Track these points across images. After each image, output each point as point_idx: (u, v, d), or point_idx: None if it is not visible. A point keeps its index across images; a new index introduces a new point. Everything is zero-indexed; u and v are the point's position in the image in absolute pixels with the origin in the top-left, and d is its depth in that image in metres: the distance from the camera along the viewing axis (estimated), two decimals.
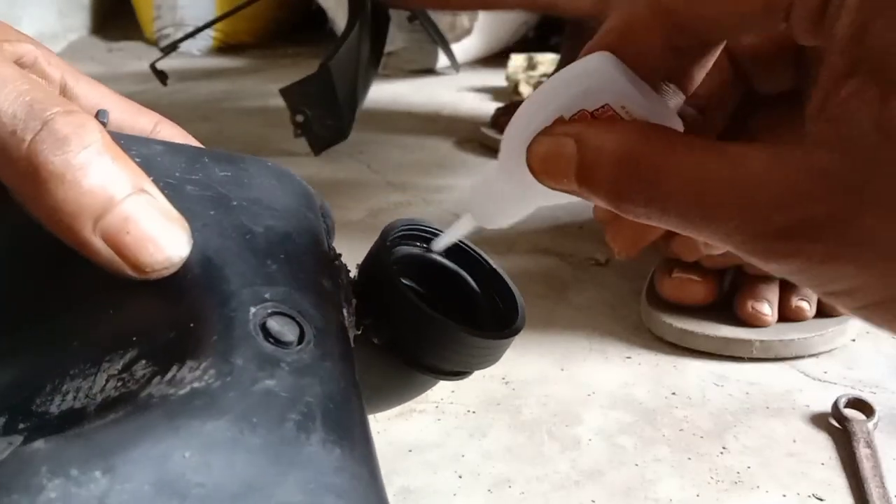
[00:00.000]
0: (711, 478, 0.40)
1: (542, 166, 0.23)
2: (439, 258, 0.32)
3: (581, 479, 0.40)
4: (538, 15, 1.51)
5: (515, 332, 0.29)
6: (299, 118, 0.87)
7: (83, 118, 0.22)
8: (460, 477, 0.40)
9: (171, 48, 1.08)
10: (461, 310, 0.31)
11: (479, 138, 0.99)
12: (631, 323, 0.56)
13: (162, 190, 0.23)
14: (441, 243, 0.30)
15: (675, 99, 0.24)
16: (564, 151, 0.22)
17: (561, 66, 1.01)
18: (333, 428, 0.20)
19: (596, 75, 0.23)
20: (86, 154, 0.21)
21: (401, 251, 0.31)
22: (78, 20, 1.90)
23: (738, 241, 0.19)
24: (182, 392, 0.19)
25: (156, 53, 1.12)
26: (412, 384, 0.31)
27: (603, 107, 0.23)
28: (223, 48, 1.69)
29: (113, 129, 0.30)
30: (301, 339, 0.22)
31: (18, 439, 0.19)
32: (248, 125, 1.13)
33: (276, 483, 0.18)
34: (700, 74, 0.24)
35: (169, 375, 0.19)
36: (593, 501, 0.39)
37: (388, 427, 0.44)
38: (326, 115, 0.89)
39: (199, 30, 1.12)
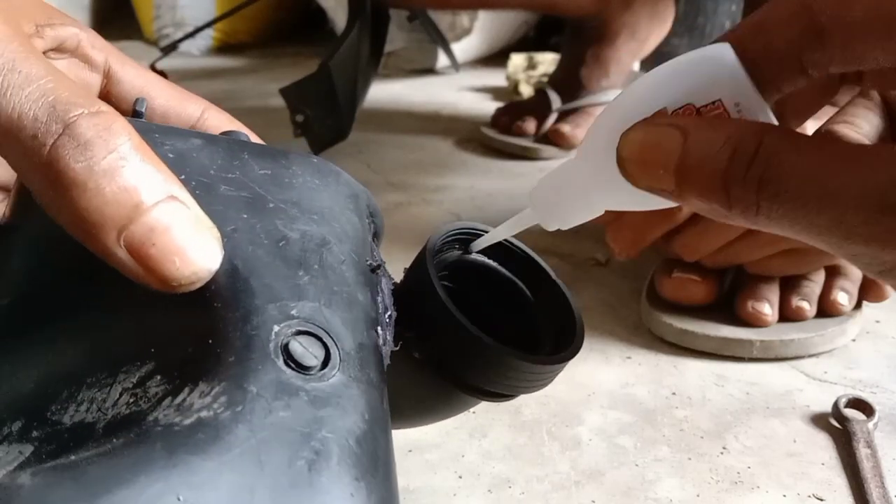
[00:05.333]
0: (711, 478, 0.40)
1: (638, 155, 0.22)
2: (494, 265, 0.29)
3: (581, 479, 0.40)
4: (538, 15, 1.51)
5: (569, 357, 0.27)
6: (299, 118, 0.87)
7: (109, 119, 0.20)
8: (460, 477, 0.40)
9: (171, 48, 1.08)
10: (515, 323, 0.29)
11: (479, 138, 0.99)
12: (631, 323, 0.56)
13: (193, 190, 0.21)
14: (495, 237, 0.28)
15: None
16: (667, 142, 0.21)
17: (561, 66, 1.01)
18: (350, 468, 0.18)
19: (715, 67, 0.21)
20: (111, 159, 0.19)
21: (451, 256, 0.28)
22: (78, 20, 1.90)
23: (855, 224, 0.19)
24: (188, 422, 0.17)
25: (156, 53, 1.12)
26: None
27: (714, 103, 0.22)
28: (223, 48, 1.69)
29: (158, 116, 0.29)
30: (326, 363, 0.20)
31: (28, 449, 0.18)
32: (248, 125, 1.12)
33: None
34: (790, 88, 0.22)
35: (179, 398, 0.18)
36: (593, 501, 0.39)
37: None
38: (326, 114, 0.89)
39: (199, 30, 1.13)
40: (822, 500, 0.39)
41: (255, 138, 0.30)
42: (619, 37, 0.93)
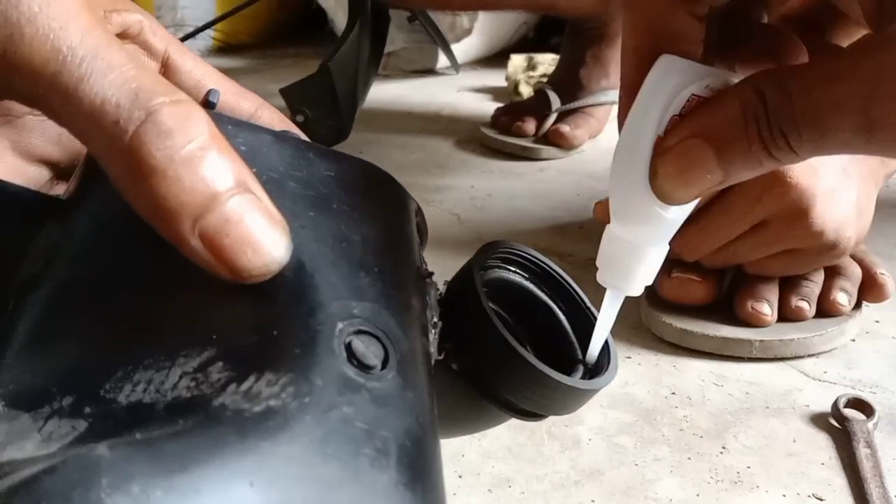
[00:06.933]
0: (711, 478, 0.40)
1: (680, 177, 0.23)
2: (533, 288, 0.30)
3: (581, 479, 0.40)
4: (538, 15, 1.51)
5: (604, 383, 0.28)
6: (299, 118, 0.87)
7: (189, 108, 0.20)
8: (460, 477, 0.40)
9: None
10: (548, 346, 0.29)
11: (479, 138, 0.99)
12: (631, 323, 0.56)
13: (264, 185, 0.21)
14: (598, 342, 0.29)
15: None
16: (693, 150, 0.22)
17: (561, 66, 1.01)
18: (408, 468, 0.19)
19: (665, 77, 0.23)
20: (190, 148, 0.20)
21: (493, 274, 0.29)
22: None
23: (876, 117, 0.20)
24: (257, 409, 0.17)
25: None
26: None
27: (689, 100, 0.23)
28: (223, 48, 1.69)
29: (215, 110, 0.29)
30: (385, 364, 0.20)
31: (83, 425, 0.18)
32: None
33: None
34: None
35: (245, 385, 0.18)
36: (593, 501, 0.39)
37: None
38: (326, 115, 0.89)
39: (199, 30, 1.12)
40: (821, 499, 0.39)
41: (303, 138, 0.30)
42: (619, 37, 0.93)
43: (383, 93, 1.25)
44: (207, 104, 0.28)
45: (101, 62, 0.20)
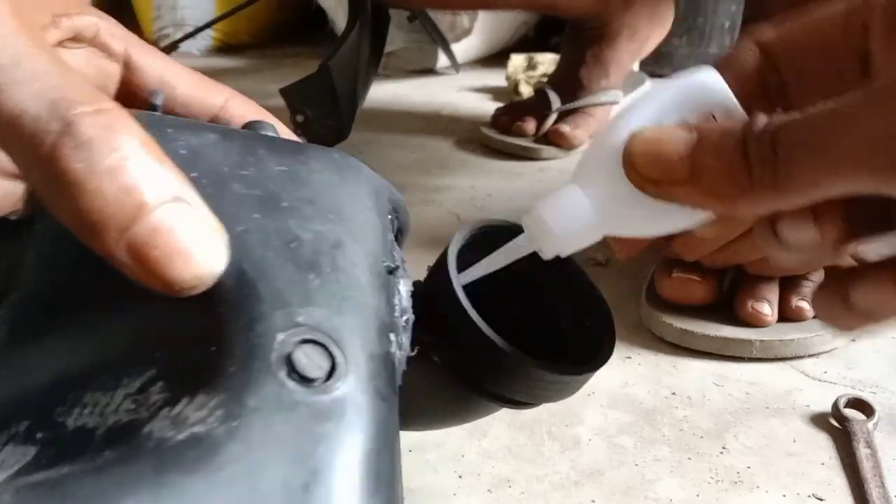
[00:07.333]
0: (711, 478, 0.40)
1: (650, 147, 0.22)
2: (525, 265, 0.28)
3: (581, 479, 0.40)
4: (538, 15, 1.51)
5: (594, 367, 0.26)
6: (299, 118, 0.87)
7: (113, 117, 0.19)
8: (460, 477, 0.40)
9: (172, 48, 1.08)
10: (543, 326, 0.28)
11: (479, 138, 0.99)
12: (631, 323, 0.56)
13: (204, 188, 0.20)
14: (487, 268, 0.26)
15: None
16: (678, 133, 0.22)
17: (561, 66, 1.01)
18: (350, 489, 0.18)
19: (705, 89, 0.23)
20: (113, 158, 0.19)
21: (474, 257, 0.27)
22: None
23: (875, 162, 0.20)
24: (180, 437, 0.17)
25: None
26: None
27: (699, 109, 0.23)
28: (223, 48, 1.69)
29: (180, 105, 0.29)
30: (331, 374, 0.19)
31: (32, 452, 0.18)
32: None
33: None
34: None
35: (177, 409, 0.17)
36: (593, 501, 0.39)
37: None
38: (326, 115, 0.89)
39: (199, 30, 1.12)
40: (821, 499, 0.39)
41: (281, 127, 0.29)
42: (619, 37, 0.93)
43: (383, 93, 1.25)
44: (152, 107, 0.27)
45: (23, 71, 0.19)
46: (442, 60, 1.40)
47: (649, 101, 0.23)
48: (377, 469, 0.19)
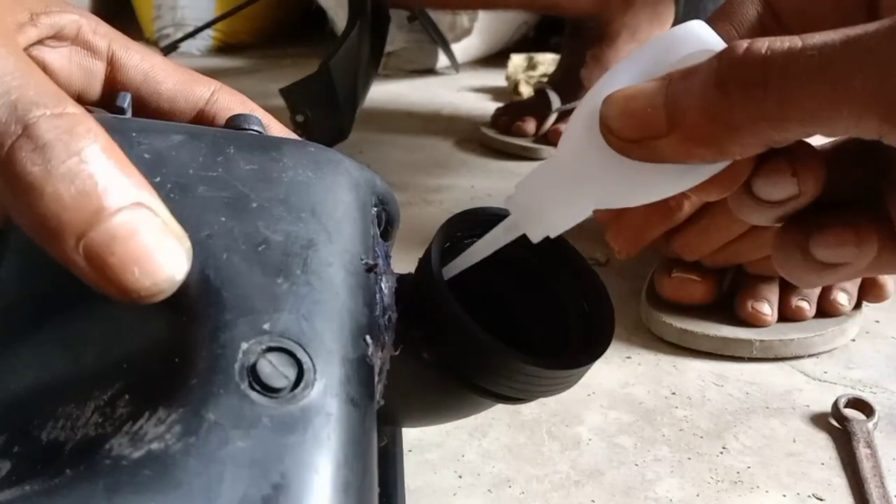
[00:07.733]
0: (711, 478, 0.40)
1: (623, 105, 0.21)
2: (517, 253, 0.26)
3: (581, 479, 0.40)
4: (538, 15, 1.51)
5: (587, 361, 0.24)
6: (299, 118, 0.87)
7: (74, 120, 0.19)
8: (460, 477, 0.40)
9: (171, 48, 1.08)
10: (543, 315, 0.27)
11: (479, 138, 0.99)
12: (631, 323, 0.56)
13: (168, 193, 0.20)
14: (472, 257, 0.25)
15: None
16: (650, 87, 0.21)
17: (561, 66, 1.01)
18: (319, 499, 0.17)
19: (690, 41, 0.21)
20: (71, 163, 0.18)
21: (469, 245, 0.26)
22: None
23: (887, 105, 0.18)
24: (136, 455, 0.16)
25: None
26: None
27: (681, 60, 0.21)
28: (223, 48, 1.69)
29: (165, 100, 0.29)
30: (298, 382, 0.18)
31: (7, 466, 0.18)
32: None
33: None
34: None
35: (137, 425, 0.17)
36: (593, 501, 0.39)
37: None
38: (326, 115, 0.89)
39: (199, 30, 1.13)
40: (821, 500, 0.39)
41: (269, 120, 0.29)
42: (620, 37, 0.93)
43: (383, 93, 1.25)
44: (118, 110, 0.27)
45: None
46: (442, 60, 1.40)
47: (629, 61, 0.22)
48: (346, 480, 0.18)
